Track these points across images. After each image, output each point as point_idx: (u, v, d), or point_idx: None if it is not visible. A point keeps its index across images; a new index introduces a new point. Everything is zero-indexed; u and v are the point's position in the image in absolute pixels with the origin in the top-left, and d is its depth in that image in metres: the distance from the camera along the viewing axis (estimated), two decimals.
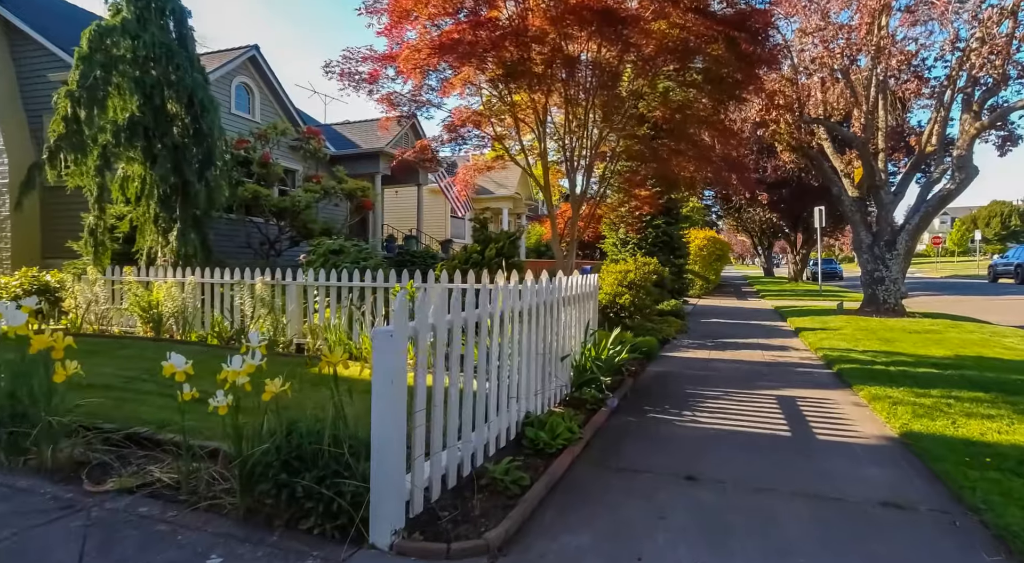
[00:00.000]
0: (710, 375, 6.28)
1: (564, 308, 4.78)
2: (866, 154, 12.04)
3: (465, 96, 7.13)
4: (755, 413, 4.67)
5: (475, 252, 6.74)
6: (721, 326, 11.03)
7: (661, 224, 13.76)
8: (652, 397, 5.20)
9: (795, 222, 29.76)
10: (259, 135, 12.11)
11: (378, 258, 7.59)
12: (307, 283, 7.03)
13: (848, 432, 4.16)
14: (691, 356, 7.58)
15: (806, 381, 5.97)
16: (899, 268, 11.94)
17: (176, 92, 8.60)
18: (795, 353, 7.88)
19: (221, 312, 7.30)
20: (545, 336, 4.30)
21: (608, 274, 9.21)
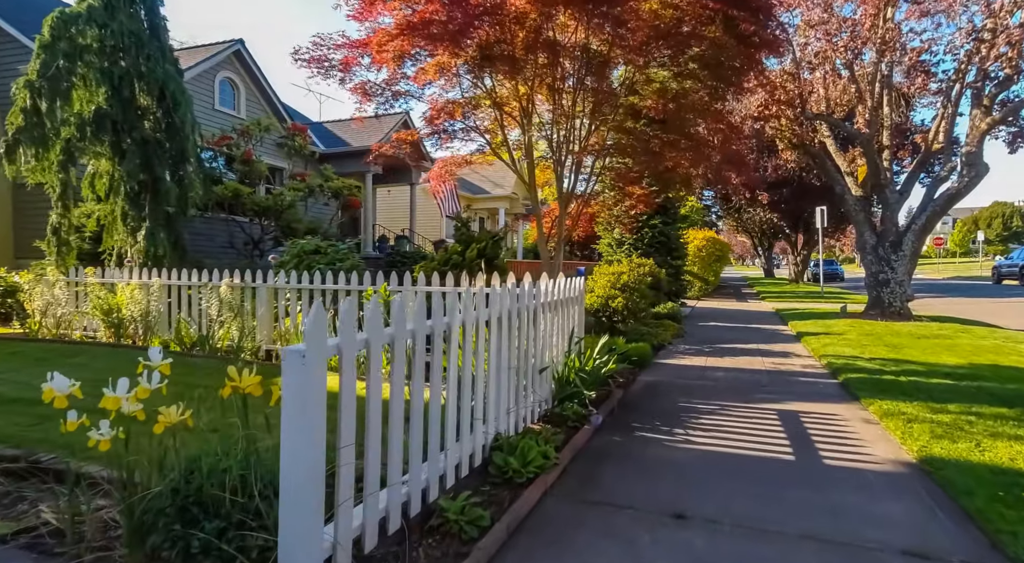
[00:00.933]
0: (706, 385, 5.83)
1: (543, 315, 4.34)
2: (871, 151, 11.60)
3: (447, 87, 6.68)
4: (755, 431, 4.22)
5: (455, 253, 6.30)
6: (719, 330, 10.58)
7: (658, 224, 13.32)
8: (642, 412, 4.75)
9: (796, 222, 29.31)
10: (242, 131, 11.68)
11: (354, 259, 7.15)
12: (277, 286, 6.60)
13: (859, 456, 3.71)
14: (687, 363, 7.13)
15: (810, 393, 5.52)
16: (905, 270, 11.49)
17: (147, 84, 8.17)
18: (797, 360, 7.43)
19: (189, 316, 6.88)
20: (519, 347, 3.86)
21: (600, 276, 8.77)
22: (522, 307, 3.85)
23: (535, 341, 4.17)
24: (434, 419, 2.80)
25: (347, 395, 2.12)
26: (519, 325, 3.84)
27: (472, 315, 3.20)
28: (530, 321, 4.00)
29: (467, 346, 3.14)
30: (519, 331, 3.84)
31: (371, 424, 2.28)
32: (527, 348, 4.01)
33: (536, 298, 4.17)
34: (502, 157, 7.20)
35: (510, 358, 3.65)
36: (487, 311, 3.37)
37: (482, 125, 7.14)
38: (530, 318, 4.02)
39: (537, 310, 4.18)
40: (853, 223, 12.49)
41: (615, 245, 13.85)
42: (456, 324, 3.02)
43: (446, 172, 7.59)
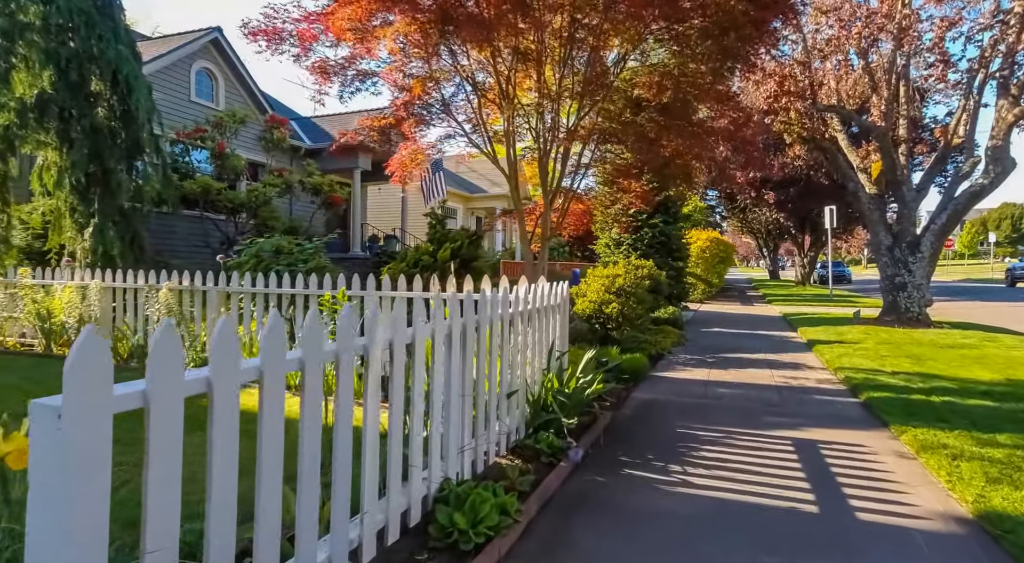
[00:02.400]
0: (709, 405, 5.10)
1: (514, 327, 3.63)
2: (886, 145, 10.83)
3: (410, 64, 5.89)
4: (767, 469, 3.49)
5: (425, 253, 5.59)
6: (724, 337, 9.84)
7: (658, 223, 12.58)
8: (632, 441, 4.03)
9: (802, 223, 28.50)
10: (215, 123, 11.00)
11: (321, 260, 6.46)
12: (228, 289, 5.91)
13: (899, 507, 2.98)
14: (687, 377, 6.40)
15: (828, 415, 4.78)
16: (923, 273, 10.72)
17: (99, 67, 7.48)
18: (810, 373, 6.69)
19: (136, 321, 6.20)
20: (478, 370, 3.14)
21: (594, 279, 8.04)
22: (482, 319, 3.14)
23: (503, 360, 3.46)
24: (341, 475, 2.08)
25: (150, 453, 1.38)
26: (479, 341, 3.13)
27: (408, 333, 2.49)
28: (495, 336, 3.28)
29: (396, 374, 2.43)
30: (478, 349, 3.13)
31: (214, 503, 1.55)
32: (494, 369, 3.29)
33: (505, 307, 3.46)
34: (473, 140, 6.43)
35: (463, 384, 2.94)
36: (430, 326, 2.65)
37: (456, 107, 6.40)
38: (498, 331, 3.30)
39: (505, 322, 3.46)
40: (867, 222, 11.73)
41: (613, 245, 13.11)
42: (377, 345, 2.30)
43: (411, 161, 6.81)
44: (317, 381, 1.94)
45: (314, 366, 1.93)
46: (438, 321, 2.69)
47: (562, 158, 6.42)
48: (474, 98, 6.25)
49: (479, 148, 6.62)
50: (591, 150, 6.98)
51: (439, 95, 6.15)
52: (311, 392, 1.91)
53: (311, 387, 1.91)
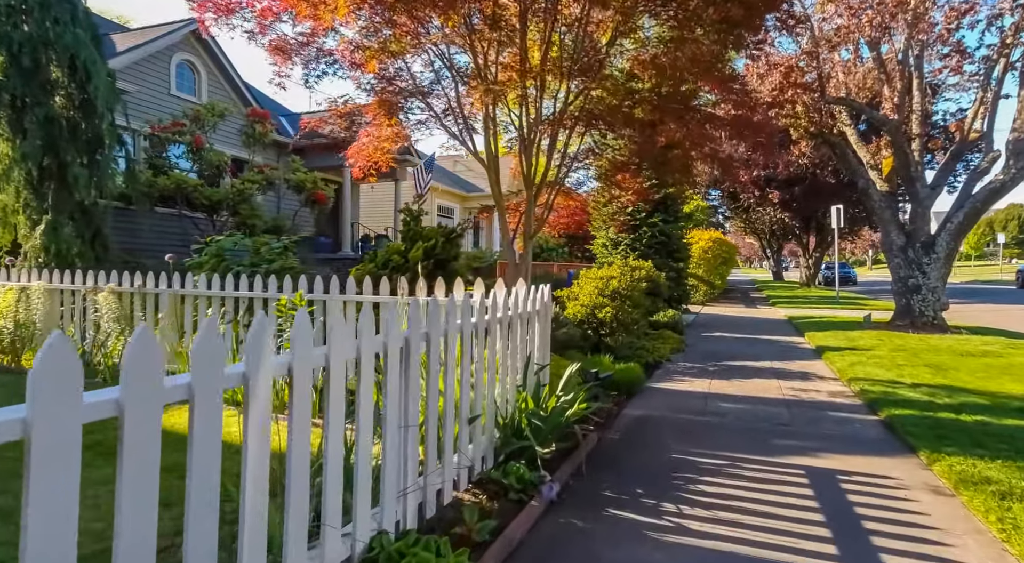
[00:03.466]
0: (710, 424, 4.54)
1: (478, 340, 3.08)
2: (899, 140, 10.25)
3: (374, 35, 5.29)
4: (778, 509, 2.94)
5: (395, 253, 5.04)
6: (726, 342, 9.27)
7: (657, 222, 12.00)
8: (621, 470, 3.47)
9: (807, 223, 27.87)
10: (193, 117, 10.48)
11: (289, 260, 5.92)
12: (181, 292, 5.37)
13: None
14: (687, 389, 5.84)
15: (846, 438, 4.21)
16: (938, 275, 10.13)
17: (56, 53, 6.97)
18: (821, 384, 6.12)
19: (83, 326, 5.67)
20: (429, 391, 2.60)
21: (587, 281, 7.49)
22: (433, 332, 2.59)
23: (463, 379, 2.91)
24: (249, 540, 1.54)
25: None
26: (434, 356, 2.58)
27: (319, 353, 1.94)
28: (451, 351, 2.73)
29: (331, 399, 1.90)
30: (426, 371, 2.59)
31: None
32: (451, 390, 2.75)
33: (467, 317, 2.91)
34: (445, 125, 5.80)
35: (403, 413, 2.39)
36: (358, 342, 2.11)
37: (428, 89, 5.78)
38: (457, 345, 2.76)
39: (467, 334, 2.92)
40: (878, 221, 11.14)
41: (610, 245, 12.54)
42: (304, 367, 1.77)
43: (377, 151, 6.16)
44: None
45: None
46: (365, 336, 2.14)
47: (548, 148, 5.84)
48: (447, 78, 5.69)
49: (454, 136, 6.04)
50: (580, 136, 6.36)
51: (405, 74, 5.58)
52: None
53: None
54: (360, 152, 6.17)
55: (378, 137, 5.93)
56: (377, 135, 5.95)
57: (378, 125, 5.84)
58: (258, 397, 1.66)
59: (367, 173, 6.41)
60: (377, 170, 6.38)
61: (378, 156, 6.12)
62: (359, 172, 6.51)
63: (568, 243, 26.00)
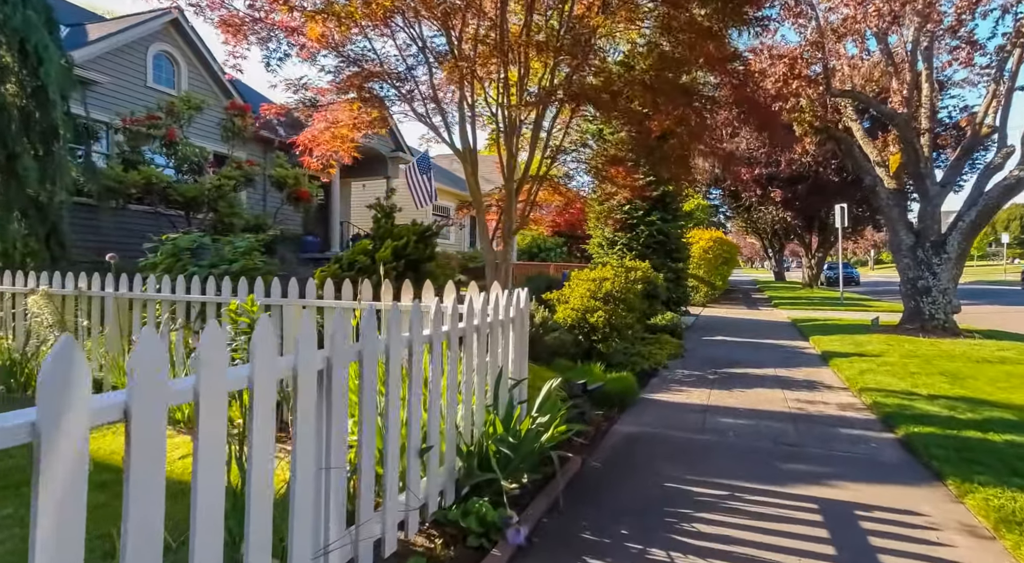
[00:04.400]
0: (708, 444, 4.06)
1: (432, 356, 2.61)
2: (908, 135, 9.77)
3: None
4: (788, 559, 2.46)
5: (361, 252, 4.57)
6: (727, 347, 8.80)
7: (655, 221, 11.51)
8: (604, 504, 3.00)
9: (810, 222, 27.37)
10: (168, 110, 10.00)
11: (252, 260, 5.45)
12: (128, 295, 4.90)
13: None
14: (684, 400, 5.36)
15: (861, 461, 3.74)
16: (949, 276, 9.65)
17: (5, 36, 6.50)
18: (830, 395, 5.65)
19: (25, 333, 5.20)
20: (364, 422, 2.12)
21: (578, 283, 7.02)
22: (367, 351, 2.12)
23: (412, 402, 2.44)
24: None
25: None
26: (371, 378, 2.11)
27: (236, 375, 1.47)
28: (412, 365, 2.26)
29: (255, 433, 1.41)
30: (358, 396, 2.12)
31: None
32: (394, 415, 2.28)
33: (417, 329, 2.44)
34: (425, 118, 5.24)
35: (322, 453, 1.92)
36: (257, 365, 1.63)
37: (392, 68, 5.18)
38: (408, 362, 2.28)
39: (416, 347, 2.44)
40: (886, 220, 10.66)
41: (606, 245, 12.06)
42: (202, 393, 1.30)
43: (335, 139, 5.55)
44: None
45: None
46: (262, 358, 1.66)
47: (532, 137, 5.34)
48: (424, 65, 5.18)
49: (425, 121, 5.51)
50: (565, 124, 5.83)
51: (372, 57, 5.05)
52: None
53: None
54: (314, 140, 5.61)
55: (335, 122, 5.38)
56: (333, 119, 5.40)
57: (336, 109, 5.30)
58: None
59: (326, 165, 5.88)
60: (339, 162, 5.86)
61: (337, 145, 5.57)
62: (317, 164, 5.95)
63: (566, 243, 25.54)
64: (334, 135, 5.43)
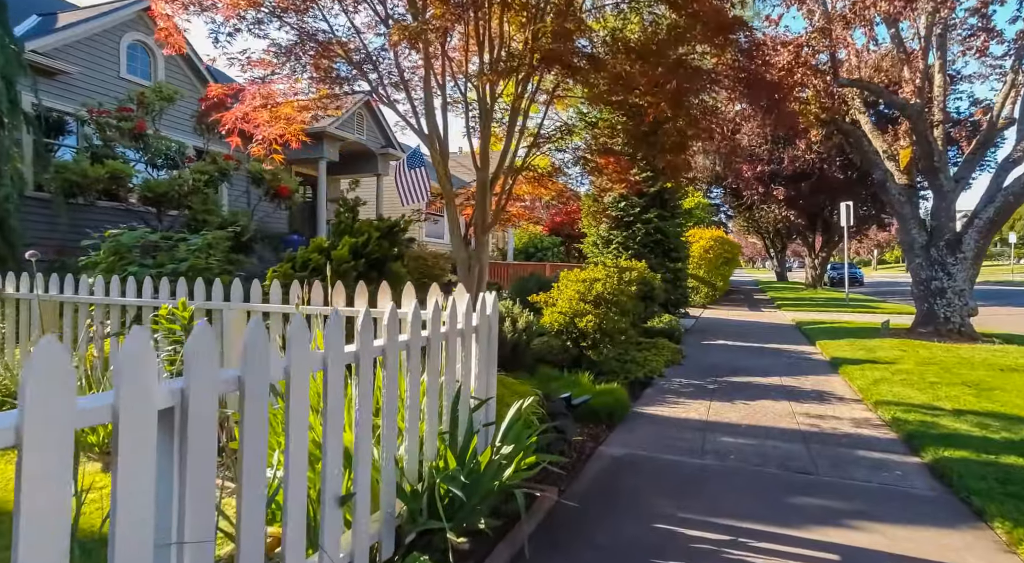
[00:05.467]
0: (707, 470, 3.53)
1: (358, 377, 2.08)
2: (921, 126, 9.23)
3: None
4: None
5: (316, 250, 4.05)
6: (729, 352, 8.26)
7: (653, 219, 10.97)
8: (579, 553, 2.47)
9: (813, 221, 26.80)
10: (139, 101, 9.49)
11: (201, 259, 4.93)
12: (59, 298, 4.38)
13: None
14: (680, 415, 4.83)
15: (887, 494, 3.20)
16: (965, 276, 9.11)
17: None
18: (842, 409, 5.11)
19: None
20: (248, 459, 1.59)
21: (567, 284, 6.49)
22: (254, 377, 1.59)
23: (331, 435, 1.91)
24: None
25: None
26: (259, 412, 1.58)
27: None
28: (326, 389, 1.73)
29: None
30: (245, 424, 1.59)
31: None
32: (298, 453, 1.75)
33: (336, 347, 1.91)
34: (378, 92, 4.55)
35: (176, 522, 1.38)
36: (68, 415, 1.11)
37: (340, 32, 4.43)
38: (324, 384, 1.75)
39: (335, 367, 1.91)
40: (897, 217, 10.12)
41: (601, 244, 11.52)
42: None
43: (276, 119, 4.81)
44: None
45: None
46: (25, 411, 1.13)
47: (509, 120, 4.78)
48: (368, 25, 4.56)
49: (384, 100, 4.92)
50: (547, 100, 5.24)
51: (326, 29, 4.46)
52: None
53: None
54: (248, 119, 4.90)
55: (269, 97, 4.72)
56: (267, 94, 4.76)
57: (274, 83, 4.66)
58: None
59: (269, 150, 5.26)
60: (285, 146, 5.25)
61: (281, 127, 4.87)
62: (257, 149, 5.29)
63: (563, 242, 25.01)
64: (274, 115, 4.82)
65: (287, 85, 4.69)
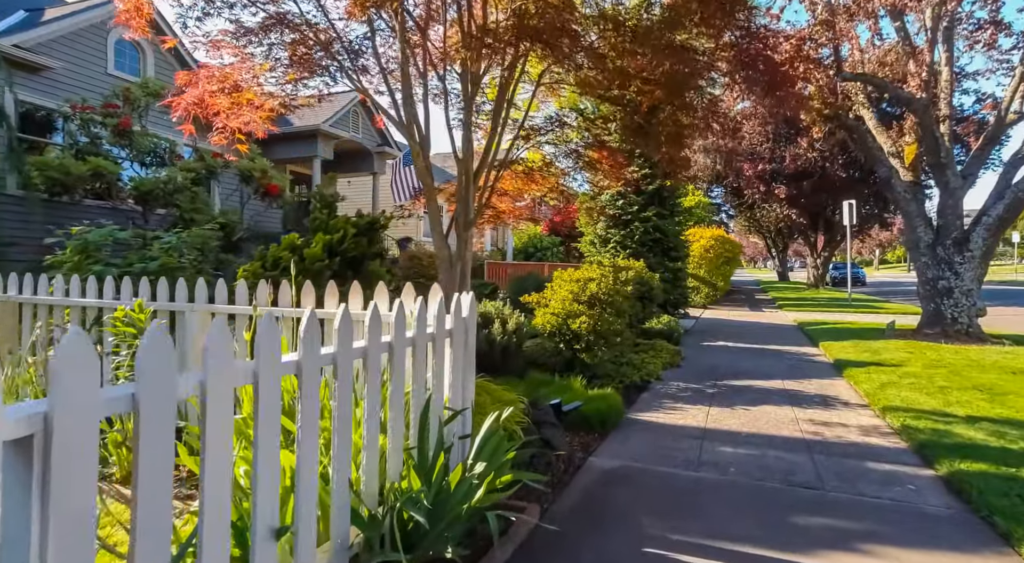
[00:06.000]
0: (704, 484, 3.27)
1: (305, 391, 1.83)
2: (928, 121, 8.95)
3: None
4: None
5: (287, 248, 3.80)
6: (729, 353, 8.00)
7: (651, 217, 10.70)
8: None
9: (815, 220, 26.50)
10: (124, 97, 9.25)
11: (170, 259, 4.68)
12: (18, 298, 4.15)
13: None
14: (677, 422, 4.57)
15: (900, 512, 2.94)
16: (973, 276, 8.83)
17: None
18: (848, 415, 4.85)
19: None
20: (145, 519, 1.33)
21: (561, 284, 6.24)
22: (150, 396, 1.33)
23: (264, 460, 1.66)
24: None
25: None
26: (160, 434, 1.32)
27: None
28: (257, 408, 1.48)
29: None
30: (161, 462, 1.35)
31: None
32: (222, 488, 1.50)
33: (292, 353, 1.66)
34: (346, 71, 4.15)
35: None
36: None
37: None
38: (256, 400, 1.50)
39: (266, 381, 1.66)
40: (902, 215, 9.84)
41: (598, 243, 11.26)
42: None
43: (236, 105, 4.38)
44: None
45: None
46: None
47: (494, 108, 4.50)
48: None
49: (357, 86, 4.61)
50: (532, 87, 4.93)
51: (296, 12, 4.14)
52: None
53: None
54: (205, 104, 4.52)
55: (224, 80, 4.32)
56: (223, 77, 4.36)
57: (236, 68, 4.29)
58: None
59: (232, 140, 4.91)
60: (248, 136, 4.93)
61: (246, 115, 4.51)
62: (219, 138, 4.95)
63: (564, 242, 24.75)
64: (235, 101, 4.49)
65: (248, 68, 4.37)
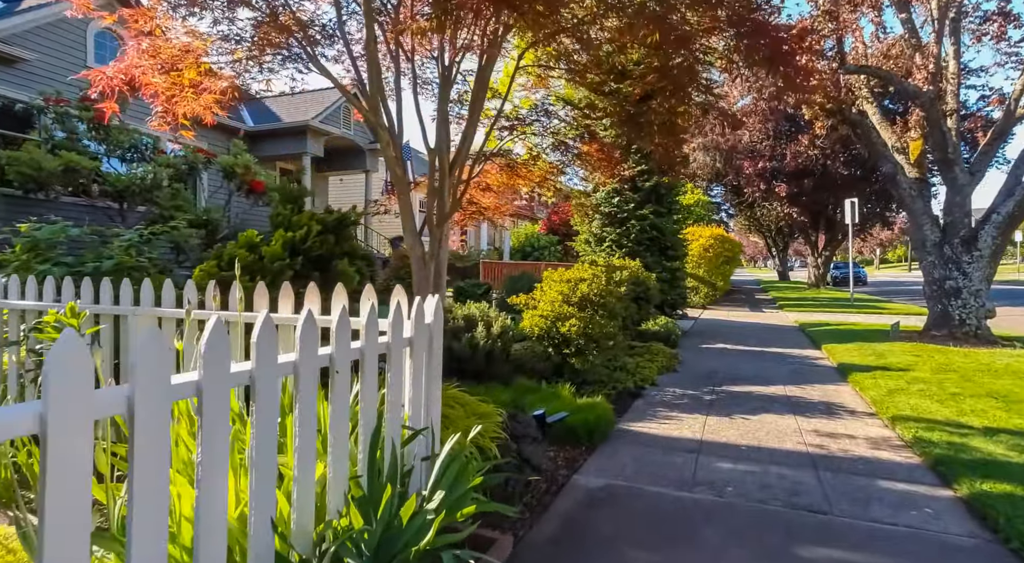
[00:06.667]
0: (699, 508, 2.95)
1: (205, 428, 1.50)
2: (935, 116, 8.63)
3: None
4: None
5: (245, 246, 3.48)
6: (728, 357, 7.68)
7: (648, 215, 10.37)
8: None
9: (816, 219, 26.17)
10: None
11: (128, 257, 4.36)
12: None
13: None
14: (671, 434, 4.25)
15: (919, 542, 2.61)
16: (982, 276, 8.51)
17: None
18: (855, 425, 4.53)
19: None
20: None
21: (551, 285, 5.92)
22: None
23: (153, 495, 1.34)
24: None
25: None
26: None
27: None
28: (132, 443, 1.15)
29: None
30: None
31: None
32: (73, 536, 1.17)
33: (189, 373, 1.33)
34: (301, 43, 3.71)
35: None
36: None
37: None
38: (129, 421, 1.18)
39: (155, 420, 1.34)
40: (908, 212, 9.52)
41: (593, 241, 10.94)
42: None
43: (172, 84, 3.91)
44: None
45: None
46: None
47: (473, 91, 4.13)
48: None
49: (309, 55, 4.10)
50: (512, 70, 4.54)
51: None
52: None
53: None
54: (137, 83, 4.10)
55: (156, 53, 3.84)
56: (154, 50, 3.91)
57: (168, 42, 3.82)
58: None
59: (176, 126, 4.53)
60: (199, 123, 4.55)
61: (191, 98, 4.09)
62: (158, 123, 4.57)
63: (562, 241, 24.44)
64: (175, 81, 4.10)
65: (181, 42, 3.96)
